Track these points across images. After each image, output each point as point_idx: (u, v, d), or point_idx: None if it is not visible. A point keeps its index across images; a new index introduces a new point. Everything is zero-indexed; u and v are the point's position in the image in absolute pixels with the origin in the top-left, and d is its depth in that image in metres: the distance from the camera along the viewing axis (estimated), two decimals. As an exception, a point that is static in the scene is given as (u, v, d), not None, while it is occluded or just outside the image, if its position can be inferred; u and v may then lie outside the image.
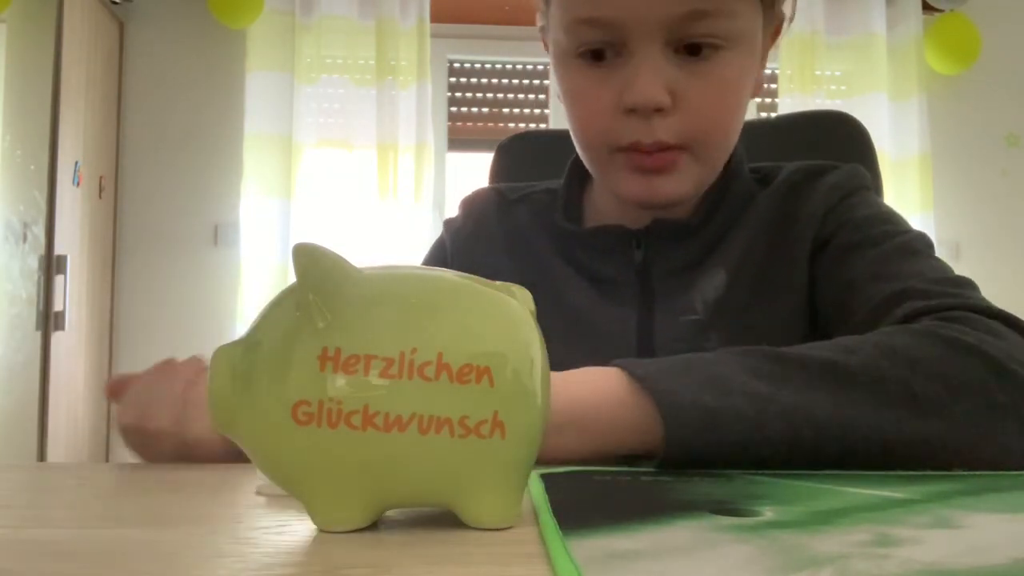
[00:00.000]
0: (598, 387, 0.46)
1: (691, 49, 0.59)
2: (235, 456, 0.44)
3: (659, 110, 0.59)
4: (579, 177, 0.73)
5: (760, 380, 0.44)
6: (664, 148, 0.60)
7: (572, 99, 0.64)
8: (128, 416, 0.53)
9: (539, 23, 0.70)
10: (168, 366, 0.55)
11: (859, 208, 0.65)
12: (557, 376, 0.44)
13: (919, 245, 0.61)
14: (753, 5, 0.61)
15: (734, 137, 0.66)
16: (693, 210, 0.68)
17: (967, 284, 0.56)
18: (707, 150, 0.63)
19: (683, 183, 0.63)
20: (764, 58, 0.67)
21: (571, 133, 0.67)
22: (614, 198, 0.69)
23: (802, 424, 0.43)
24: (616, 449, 0.46)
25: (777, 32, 0.68)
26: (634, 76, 0.59)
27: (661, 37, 0.59)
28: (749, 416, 0.43)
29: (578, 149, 0.67)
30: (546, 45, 0.69)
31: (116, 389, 0.55)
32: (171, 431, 0.51)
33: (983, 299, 0.53)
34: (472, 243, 0.74)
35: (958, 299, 0.52)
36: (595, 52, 0.61)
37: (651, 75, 0.58)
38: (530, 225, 0.73)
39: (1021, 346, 0.48)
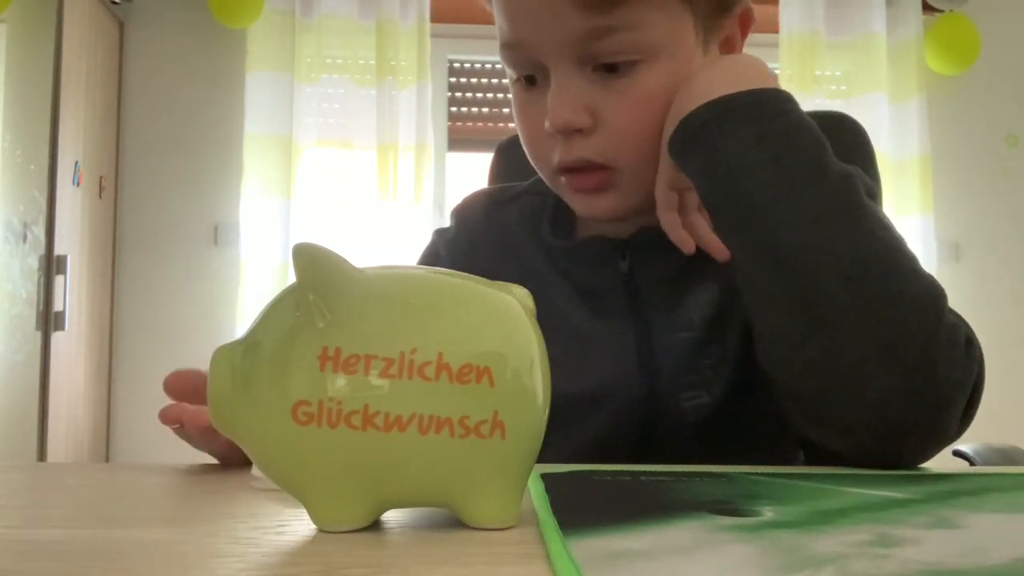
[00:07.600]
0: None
1: (608, 66, 0.58)
2: None
3: (579, 130, 0.59)
4: None
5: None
6: (591, 166, 0.60)
7: (517, 121, 0.66)
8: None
9: None
10: None
11: None
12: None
13: None
14: (669, 10, 0.58)
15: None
16: None
17: None
18: (635, 166, 0.61)
19: (619, 200, 0.63)
20: (738, 49, 0.64)
21: None
22: None
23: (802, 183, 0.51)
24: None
25: (745, 20, 0.64)
26: (551, 99, 0.59)
27: (573, 56, 0.58)
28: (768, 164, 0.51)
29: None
30: None
31: (178, 386, 0.50)
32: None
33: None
34: (466, 255, 0.74)
35: None
36: (528, 77, 0.62)
37: (565, 97, 0.58)
38: (519, 231, 0.73)
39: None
